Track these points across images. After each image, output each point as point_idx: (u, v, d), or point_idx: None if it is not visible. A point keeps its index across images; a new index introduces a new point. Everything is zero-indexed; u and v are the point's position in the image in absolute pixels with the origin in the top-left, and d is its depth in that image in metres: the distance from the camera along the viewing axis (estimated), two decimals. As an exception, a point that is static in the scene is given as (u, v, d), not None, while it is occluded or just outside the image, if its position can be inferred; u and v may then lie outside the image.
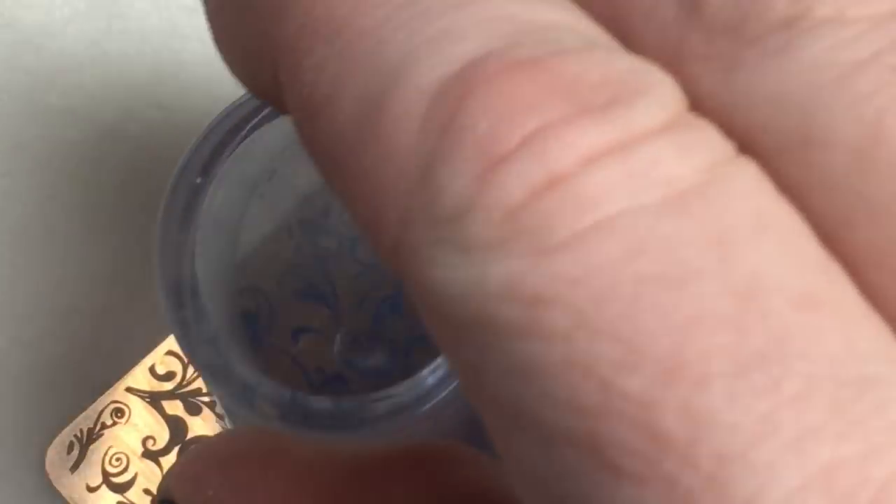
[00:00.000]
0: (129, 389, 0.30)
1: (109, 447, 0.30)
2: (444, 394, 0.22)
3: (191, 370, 0.31)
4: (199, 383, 0.31)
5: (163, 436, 0.30)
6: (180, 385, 0.30)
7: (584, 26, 0.08)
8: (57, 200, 0.31)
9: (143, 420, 0.30)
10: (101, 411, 0.30)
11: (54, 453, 0.30)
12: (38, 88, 0.32)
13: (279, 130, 0.23)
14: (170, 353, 0.31)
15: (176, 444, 0.30)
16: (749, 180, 0.08)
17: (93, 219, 0.31)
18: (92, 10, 0.32)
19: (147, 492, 0.30)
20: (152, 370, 0.30)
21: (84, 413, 0.30)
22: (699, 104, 0.08)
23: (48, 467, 0.30)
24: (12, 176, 0.31)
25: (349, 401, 0.22)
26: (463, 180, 0.08)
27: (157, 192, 0.32)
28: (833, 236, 0.08)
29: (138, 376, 0.30)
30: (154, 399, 0.30)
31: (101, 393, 0.31)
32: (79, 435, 0.30)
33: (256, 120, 0.23)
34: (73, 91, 0.32)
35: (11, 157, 0.32)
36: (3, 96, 0.32)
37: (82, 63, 0.32)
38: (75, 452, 0.30)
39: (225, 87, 0.33)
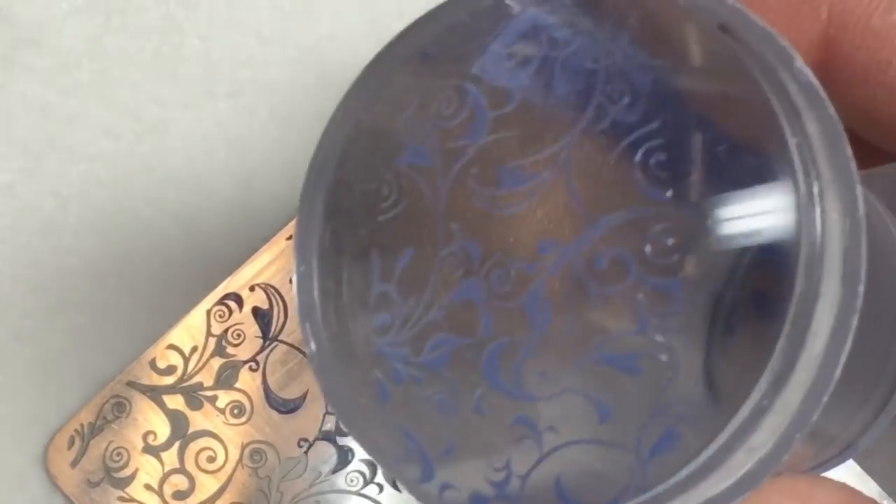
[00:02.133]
0: (129, 384, 0.30)
1: (110, 442, 0.30)
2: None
3: (191, 364, 0.31)
4: (200, 377, 0.31)
5: (164, 430, 0.30)
6: (181, 379, 0.30)
7: None
8: (57, 195, 0.31)
9: (144, 415, 0.30)
10: (102, 406, 0.30)
11: (55, 448, 0.30)
12: (37, 84, 0.32)
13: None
14: (170, 346, 0.31)
15: (177, 439, 0.30)
16: None
17: (93, 214, 0.31)
18: (91, 6, 0.32)
19: (147, 487, 0.30)
20: (153, 364, 0.30)
21: (85, 408, 0.30)
22: None
23: (49, 462, 0.30)
24: (11, 172, 0.31)
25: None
26: None
27: (155, 190, 0.32)
28: None
29: (139, 371, 0.30)
30: (155, 393, 0.30)
31: (102, 387, 0.31)
32: (79, 429, 0.30)
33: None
34: (70, 87, 0.32)
35: (11, 155, 0.32)
36: (2, 92, 0.32)
37: (80, 59, 0.32)
38: (76, 447, 0.30)
39: (222, 83, 0.33)
